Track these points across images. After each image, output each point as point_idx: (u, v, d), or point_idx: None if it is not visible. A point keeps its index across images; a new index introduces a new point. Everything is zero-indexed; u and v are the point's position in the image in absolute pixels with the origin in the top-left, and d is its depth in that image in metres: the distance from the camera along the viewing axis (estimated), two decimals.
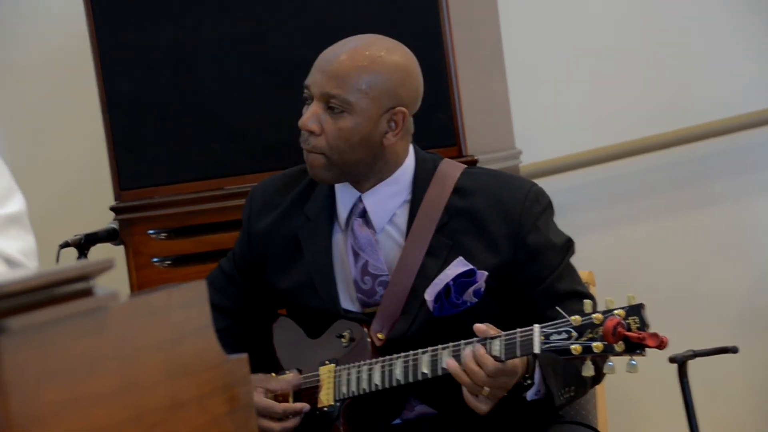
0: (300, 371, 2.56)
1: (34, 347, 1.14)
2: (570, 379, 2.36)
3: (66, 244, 3.14)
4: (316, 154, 2.46)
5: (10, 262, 1.83)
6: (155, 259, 3.38)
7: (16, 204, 1.88)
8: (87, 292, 1.26)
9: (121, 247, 3.38)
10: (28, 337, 1.13)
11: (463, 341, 2.35)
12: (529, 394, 2.36)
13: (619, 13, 3.93)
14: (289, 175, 2.64)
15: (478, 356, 2.29)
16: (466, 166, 2.56)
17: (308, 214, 2.56)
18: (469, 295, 2.42)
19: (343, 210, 2.53)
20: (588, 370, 2.25)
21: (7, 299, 1.12)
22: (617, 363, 2.23)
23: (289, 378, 2.53)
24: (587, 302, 2.27)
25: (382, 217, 2.50)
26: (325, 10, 3.30)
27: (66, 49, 3.93)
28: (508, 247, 2.44)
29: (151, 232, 3.38)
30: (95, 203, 3.84)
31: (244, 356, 1.52)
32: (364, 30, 2.57)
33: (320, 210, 2.55)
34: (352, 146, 2.44)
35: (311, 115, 2.45)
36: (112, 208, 3.41)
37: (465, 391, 2.33)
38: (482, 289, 2.42)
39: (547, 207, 2.51)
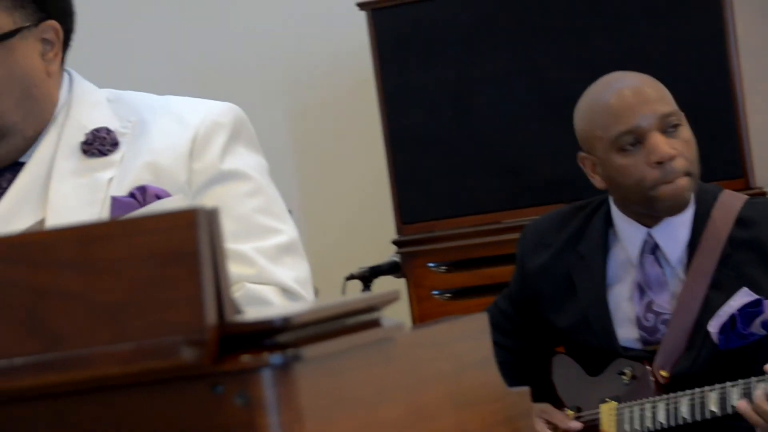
0: (579, 409, 2.54)
1: (326, 375, 1.17)
2: None
3: (351, 277, 3.24)
4: (683, 177, 2.42)
5: (287, 291, 1.89)
6: (435, 292, 3.43)
7: (288, 233, 1.94)
8: (374, 323, 1.30)
9: (403, 280, 3.45)
10: (321, 366, 1.17)
11: (753, 378, 2.29)
12: None
13: None
14: (562, 213, 2.63)
15: None
16: (747, 196, 2.50)
17: (582, 252, 2.54)
18: (756, 327, 2.36)
19: (631, 247, 2.49)
20: None
21: (301, 329, 1.17)
22: None
23: (572, 417, 2.52)
24: None
25: (675, 252, 2.45)
26: (602, 45, 3.28)
27: (352, 88, 4.05)
28: None
29: (431, 265, 3.43)
30: (378, 236, 3.93)
31: (526, 389, 1.53)
32: (648, 62, 2.56)
33: (594, 248, 2.53)
34: (697, 155, 2.44)
35: (663, 143, 2.42)
36: (395, 242, 3.49)
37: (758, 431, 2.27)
38: None
39: None
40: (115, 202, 1.85)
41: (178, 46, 4.19)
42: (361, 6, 3.55)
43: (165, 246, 1.13)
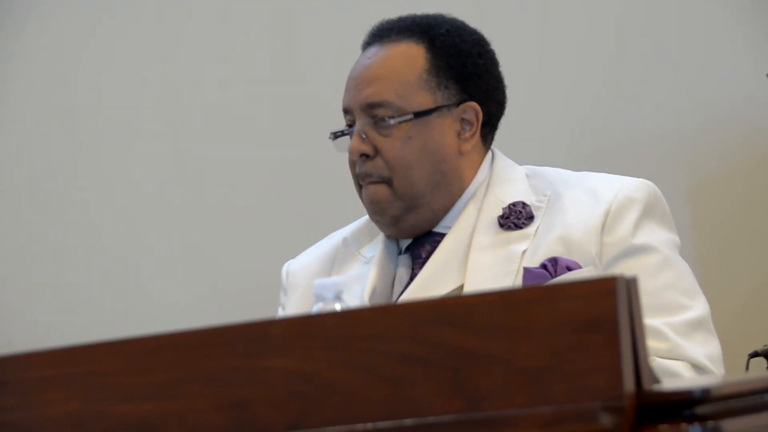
0: None
1: None
2: None
3: (755, 354, 3.13)
4: None
5: (697, 367, 1.87)
6: None
7: (699, 309, 1.94)
8: None
9: None
10: None
11: None
12: None
13: None
14: None
15: None
16: None
17: None
18: None
19: None
20: None
21: (721, 402, 1.15)
22: None
23: None
24: None
25: None
26: None
27: (756, 161, 3.95)
28: None
29: None
30: None
31: None
32: None
33: None
34: None
35: None
36: None
37: None
38: None
39: None
40: (528, 273, 1.91)
41: (578, 120, 4.23)
42: None
43: (585, 313, 1.15)
